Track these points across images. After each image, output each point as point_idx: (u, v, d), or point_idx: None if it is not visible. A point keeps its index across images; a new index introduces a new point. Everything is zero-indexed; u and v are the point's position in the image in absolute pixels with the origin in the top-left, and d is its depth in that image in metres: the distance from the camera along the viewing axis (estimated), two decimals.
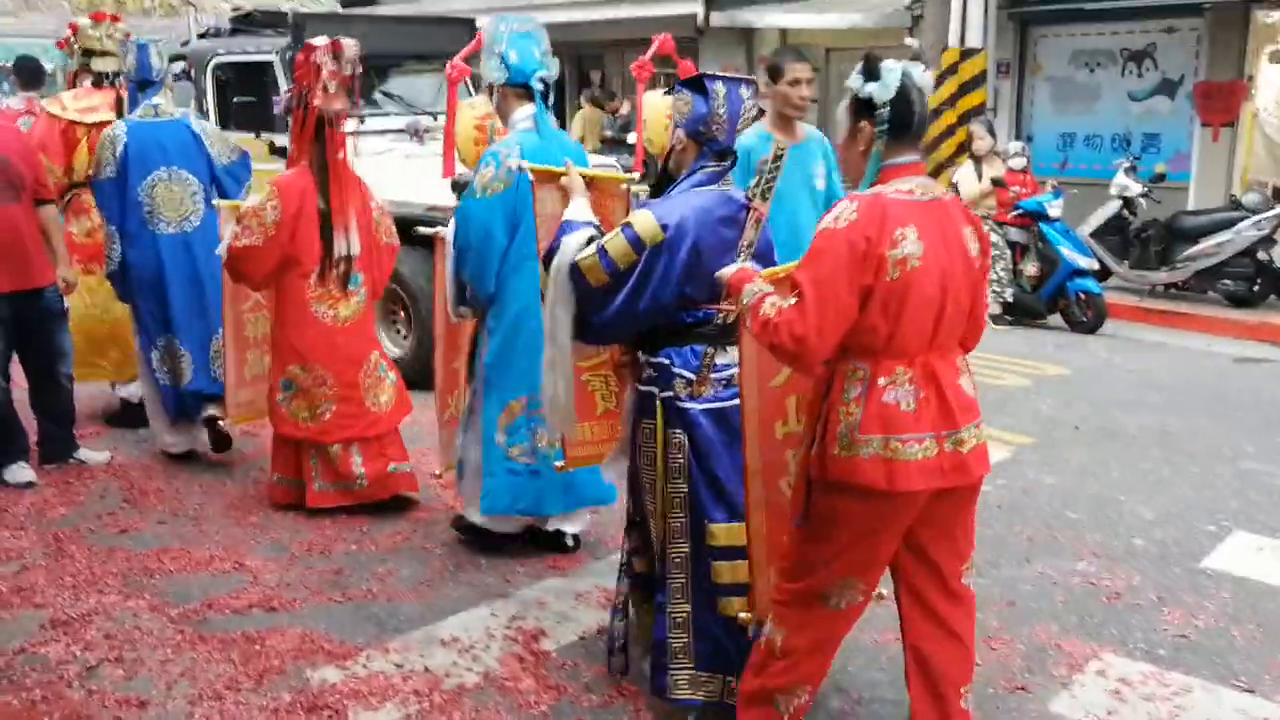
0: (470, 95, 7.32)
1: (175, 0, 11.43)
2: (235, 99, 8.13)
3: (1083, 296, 9.03)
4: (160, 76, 5.77)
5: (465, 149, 5.42)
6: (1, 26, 10.57)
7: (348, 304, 4.91)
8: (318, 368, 4.87)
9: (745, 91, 3.25)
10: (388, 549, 4.66)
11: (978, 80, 11.24)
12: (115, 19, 6.62)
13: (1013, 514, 5.08)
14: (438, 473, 5.03)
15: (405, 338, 7.28)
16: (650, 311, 3.12)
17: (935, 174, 11.22)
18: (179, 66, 8.43)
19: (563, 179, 3.53)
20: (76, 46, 6.40)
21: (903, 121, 2.75)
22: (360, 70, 5.04)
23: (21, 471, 5.39)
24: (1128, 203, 9.71)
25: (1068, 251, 9.02)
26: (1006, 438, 6.13)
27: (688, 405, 3.16)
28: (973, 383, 2.83)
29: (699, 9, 13.73)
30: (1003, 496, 5.28)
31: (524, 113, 4.27)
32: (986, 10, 11.29)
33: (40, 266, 5.30)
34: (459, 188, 5.31)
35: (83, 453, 5.68)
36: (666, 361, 3.18)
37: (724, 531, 3.15)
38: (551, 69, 4.32)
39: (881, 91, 2.74)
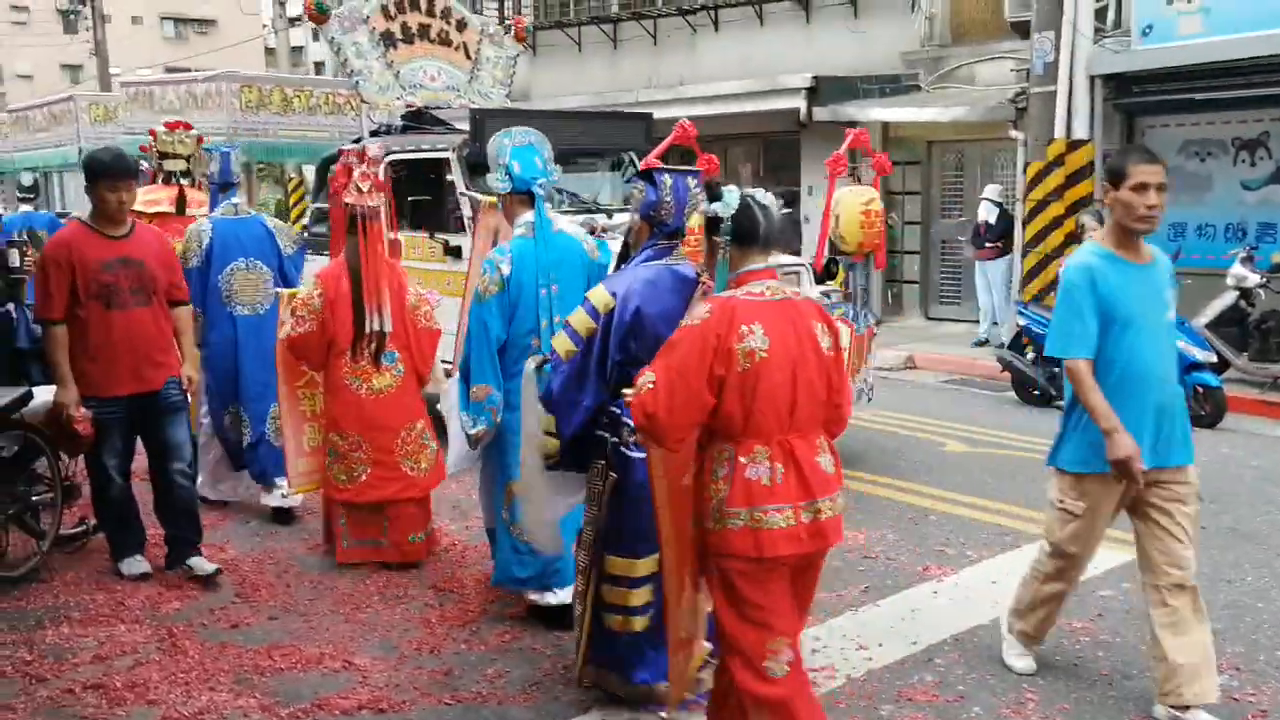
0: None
1: (340, 98, 11.31)
2: (410, 197, 8.05)
3: (1200, 390, 8.73)
4: (238, 179, 6.90)
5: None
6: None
7: (381, 377, 5.56)
8: (352, 434, 5.53)
9: (691, 181, 3.85)
10: (497, 648, 4.61)
11: (1085, 171, 11.10)
12: (187, 126, 7.92)
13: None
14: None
15: None
16: (608, 371, 3.65)
17: (1043, 266, 11.05)
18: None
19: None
20: (154, 149, 7.65)
21: (746, 234, 3.20)
22: (387, 172, 5.90)
23: (137, 564, 5.46)
24: (1245, 293, 9.41)
25: (1183, 344, 8.75)
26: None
27: (628, 452, 3.65)
28: (835, 461, 3.20)
29: (802, 104, 13.84)
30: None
31: (525, 218, 4.76)
32: (1093, 102, 11.20)
33: (164, 366, 5.35)
34: None
35: (192, 560, 5.48)
36: (618, 412, 3.63)
37: (619, 564, 3.79)
38: (554, 175, 4.89)
39: (724, 210, 3.20)
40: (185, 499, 5.51)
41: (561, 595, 4.67)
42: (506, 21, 9.87)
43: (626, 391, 3.22)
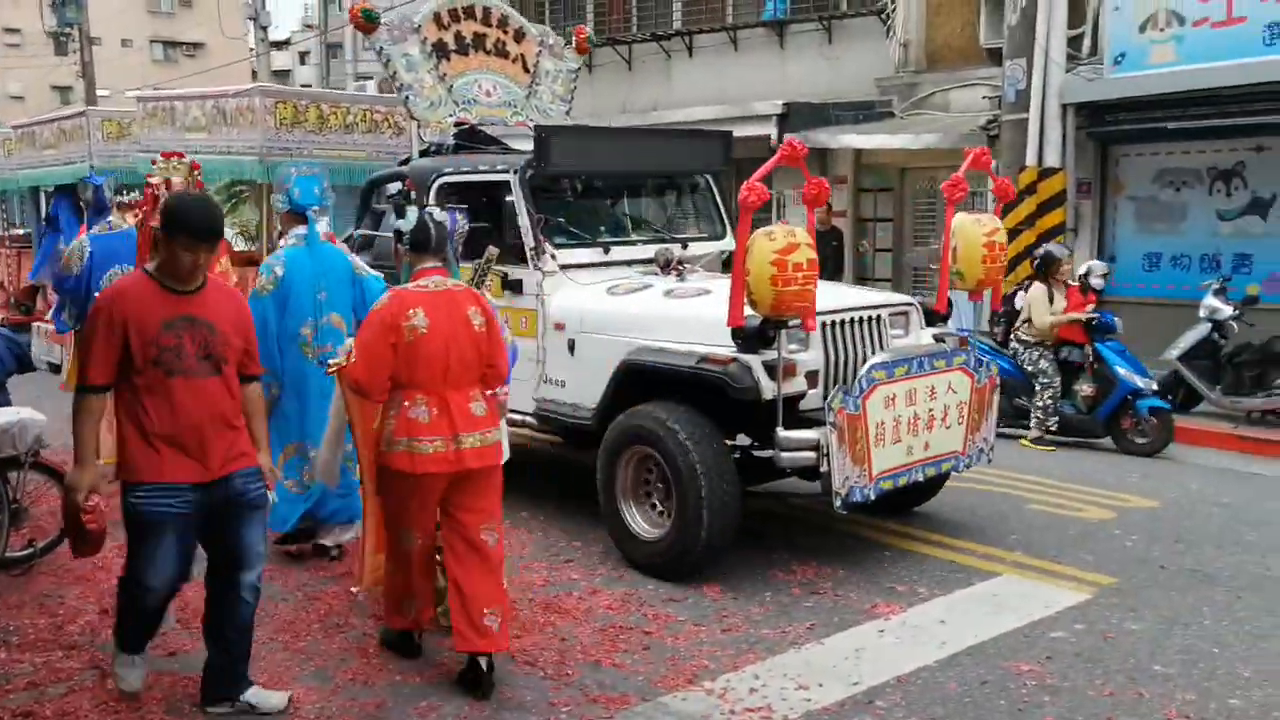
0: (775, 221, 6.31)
1: (378, 115, 10.45)
2: (467, 225, 6.98)
3: (1152, 416, 8.63)
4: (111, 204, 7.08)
5: (761, 288, 5.10)
6: (195, 142, 10.16)
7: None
8: None
9: (461, 218, 4.89)
10: (432, 681, 4.48)
11: (1057, 200, 10.97)
12: (180, 155, 7.28)
13: (1093, 665, 4.64)
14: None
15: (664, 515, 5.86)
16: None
17: (1015, 294, 10.89)
18: (394, 187, 7.74)
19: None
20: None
21: (419, 243, 4.48)
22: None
23: (134, 672, 4.30)
24: (1218, 326, 9.25)
25: (1124, 371, 8.67)
26: (1086, 577, 5.69)
27: None
28: (488, 407, 4.40)
29: (772, 130, 13.70)
30: (1082, 644, 4.84)
31: (298, 231, 5.87)
32: (1065, 130, 11.09)
33: (235, 451, 4.12)
34: (749, 337, 5.39)
35: (253, 693, 4.23)
36: None
37: None
38: (328, 201, 5.95)
39: (405, 225, 4.49)
40: (248, 620, 4.24)
41: (340, 536, 5.88)
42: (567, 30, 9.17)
43: (331, 362, 4.52)
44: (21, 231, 15.35)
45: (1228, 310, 9.23)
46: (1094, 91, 10.90)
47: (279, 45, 26.27)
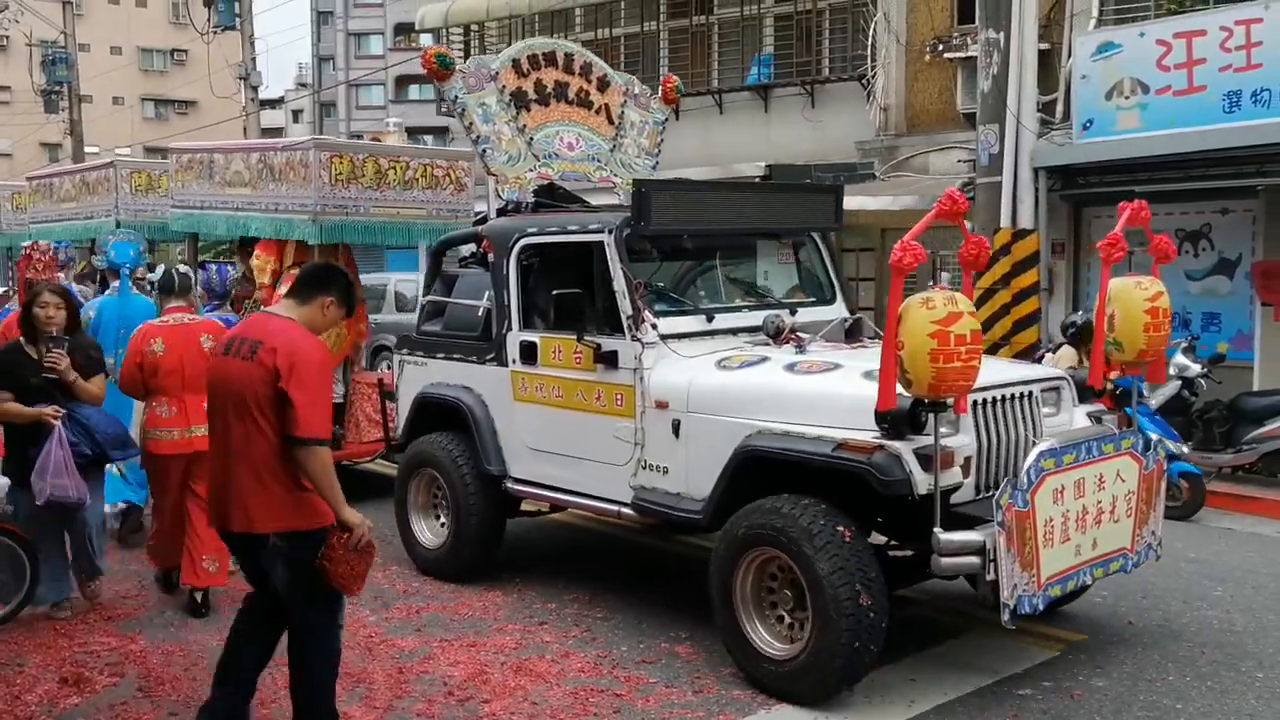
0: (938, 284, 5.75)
1: (439, 170, 9.27)
2: (554, 290, 5.91)
3: (1183, 480, 8.68)
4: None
5: (918, 364, 4.34)
6: (236, 198, 9.11)
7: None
8: None
9: (232, 270, 6.60)
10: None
11: (1031, 260, 11.22)
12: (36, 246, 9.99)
13: None
14: None
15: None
16: None
17: (991, 351, 11.08)
18: (467, 249, 7.50)
19: None
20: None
21: (166, 288, 6.51)
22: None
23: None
24: (1188, 383, 9.44)
25: (1155, 437, 8.70)
26: (1056, 634, 5.82)
27: None
28: None
29: None
30: (1049, 702, 4.97)
31: (115, 285, 7.77)
32: (1038, 192, 11.36)
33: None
34: (899, 421, 4.62)
35: None
36: None
37: None
38: (141, 261, 7.74)
39: (156, 276, 6.55)
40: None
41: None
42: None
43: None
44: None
45: (1196, 368, 9.42)
46: (1064, 156, 11.19)
47: (272, 104, 26.59)
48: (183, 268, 6.67)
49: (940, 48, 13.28)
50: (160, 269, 7.46)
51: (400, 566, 7.00)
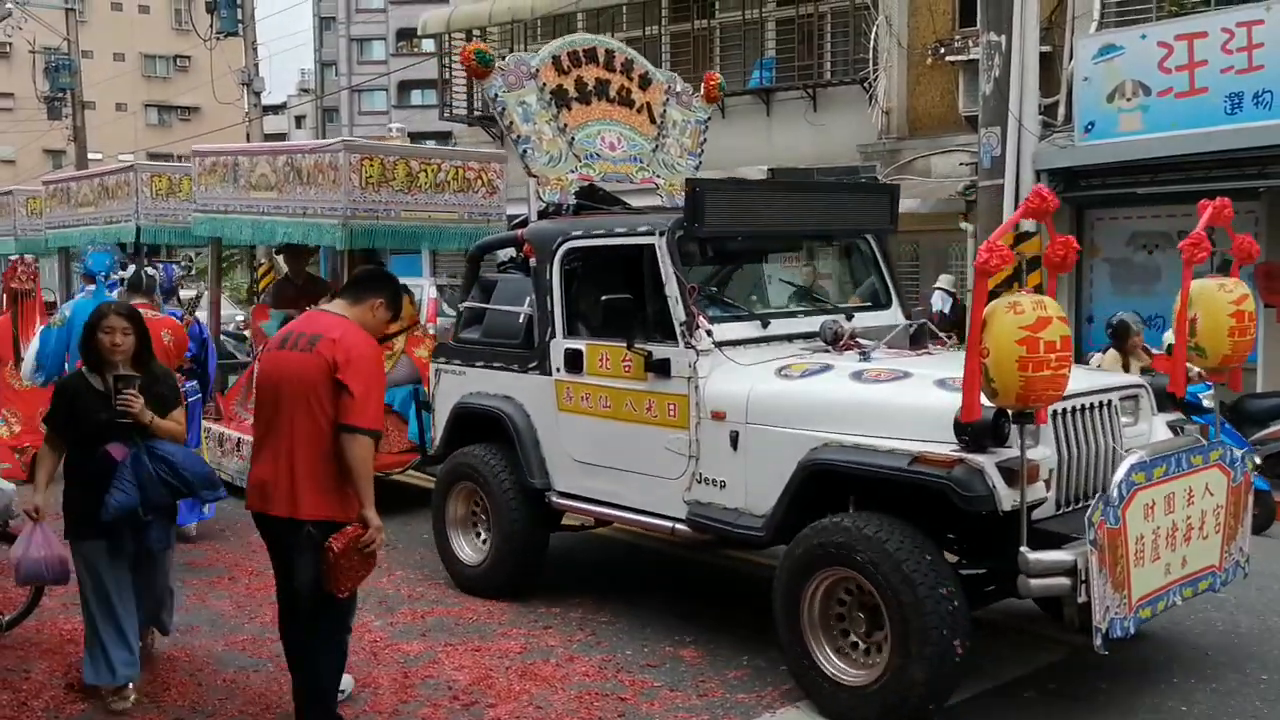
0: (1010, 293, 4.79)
1: (471, 172, 9.03)
2: (602, 296, 5.63)
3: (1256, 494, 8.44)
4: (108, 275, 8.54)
5: (1005, 373, 4.08)
6: (261, 202, 8.97)
7: None
8: None
9: (177, 269, 7.63)
10: None
11: (1033, 263, 11.21)
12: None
13: None
14: None
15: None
16: None
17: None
18: (505, 253, 7.32)
19: None
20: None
21: (134, 286, 7.44)
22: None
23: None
24: None
25: (1243, 450, 8.42)
26: (1062, 636, 5.77)
27: None
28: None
29: None
30: (1054, 705, 4.97)
31: (90, 289, 7.97)
32: None
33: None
34: (981, 433, 4.38)
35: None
36: None
37: None
38: (116, 271, 8.06)
39: (129, 276, 7.59)
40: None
41: None
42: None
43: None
44: (50, 298, 14.44)
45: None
46: (1066, 158, 11.23)
47: (274, 110, 26.67)
48: (150, 270, 7.85)
49: (942, 51, 13.32)
50: (131, 269, 8.17)
51: (405, 571, 7.02)
